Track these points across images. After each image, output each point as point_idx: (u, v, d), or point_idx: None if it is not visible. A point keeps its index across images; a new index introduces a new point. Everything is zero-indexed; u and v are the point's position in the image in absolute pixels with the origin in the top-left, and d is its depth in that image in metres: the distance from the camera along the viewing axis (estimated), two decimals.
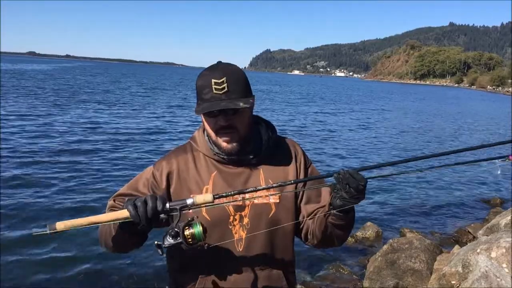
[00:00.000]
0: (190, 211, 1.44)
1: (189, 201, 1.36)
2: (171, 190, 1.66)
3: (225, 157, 1.65)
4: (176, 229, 1.34)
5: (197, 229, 1.34)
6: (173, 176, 1.67)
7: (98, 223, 1.36)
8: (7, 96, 23.29)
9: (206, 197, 1.36)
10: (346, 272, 5.75)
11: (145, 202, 1.33)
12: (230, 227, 1.63)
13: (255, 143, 1.68)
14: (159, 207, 1.33)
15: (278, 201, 1.66)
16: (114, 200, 1.69)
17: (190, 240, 1.34)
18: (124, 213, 1.35)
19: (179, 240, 1.33)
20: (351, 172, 1.40)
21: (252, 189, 1.45)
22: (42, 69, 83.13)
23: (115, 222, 1.40)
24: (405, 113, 33.46)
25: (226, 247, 1.62)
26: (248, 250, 1.64)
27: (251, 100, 1.57)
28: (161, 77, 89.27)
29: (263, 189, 1.49)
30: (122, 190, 1.71)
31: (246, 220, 1.63)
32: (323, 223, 1.58)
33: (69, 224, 1.33)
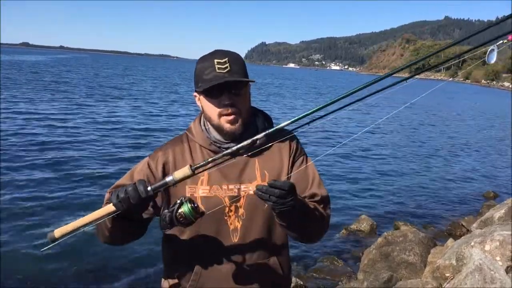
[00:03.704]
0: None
1: (168, 179, 1.36)
2: None
3: (223, 144, 1.63)
4: (168, 213, 1.35)
5: (185, 208, 1.34)
6: (169, 166, 1.65)
7: (91, 222, 1.37)
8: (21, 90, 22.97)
9: (184, 170, 1.36)
10: (340, 265, 5.77)
11: (126, 192, 1.33)
12: (226, 218, 1.62)
13: (251, 134, 1.65)
14: (142, 194, 1.33)
15: None
16: (110, 193, 1.66)
17: (182, 220, 1.35)
18: (112, 207, 1.36)
19: (175, 224, 1.35)
20: (270, 184, 1.36)
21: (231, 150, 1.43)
22: (41, 60, 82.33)
23: (108, 217, 1.40)
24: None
25: (222, 238, 1.62)
26: (244, 240, 1.63)
27: (253, 80, 1.59)
28: (168, 70, 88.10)
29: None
30: (119, 181, 1.70)
31: (241, 211, 1.63)
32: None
33: (66, 229, 1.35)
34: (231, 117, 1.56)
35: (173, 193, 1.61)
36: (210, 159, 1.38)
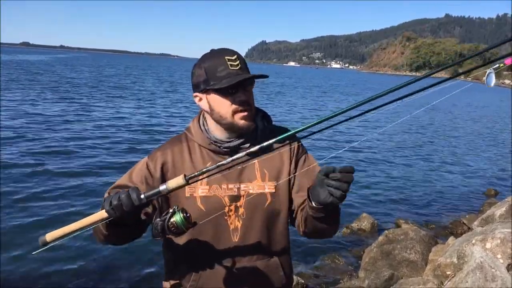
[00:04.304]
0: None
1: (162, 188, 1.35)
2: (167, 180, 1.61)
3: (223, 143, 1.62)
4: (160, 222, 1.34)
5: (177, 217, 1.33)
6: (168, 166, 1.64)
7: (83, 228, 1.37)
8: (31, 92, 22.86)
9: (178, 180, 1.35)
10: (341, 263, 5.77)
11: (119, 199, 1.32)
12: (226, 217, 1.62)
13: (253, 132, 1.66)
14: (135, 202, 1.32)
15: (273, 191, 1.64)
16: (109, 193, 1.67)
17: (174, 229, 1.34)
18: (105, 213, 1.36)
19: (166, 233, 1.35)
20: (342, 169, 1.30)
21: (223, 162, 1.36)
22: (42, 60, 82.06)
23: (101, 223, 1.40)
24: None
25: (222, 238, 1.61)
26: (244, 240, 1.63)
27: (267, 75, 1.60)
28: (169, 69, 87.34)
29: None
30: (118, 182, 1.70)
31: (241, 210, 1.62)
32: (306, 215, 1.54)
33: (57, 234, 1.35)
34: (246, 114, 1.56)
35: (172, 193, 1.62)
36: (204, 169, 1.36)
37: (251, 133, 1.64)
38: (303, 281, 5.00)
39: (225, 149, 1.63)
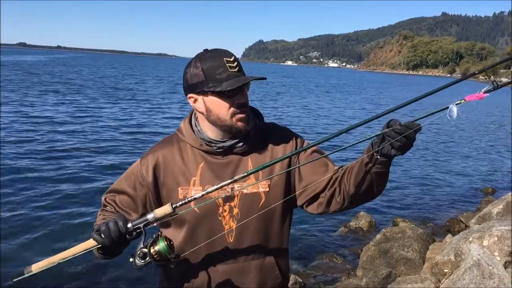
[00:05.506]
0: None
1: (149, 216, 1.36)
2: (159, 183, 1.63)
3: (218, 143, 1.60)
4: (143, 249, 1.34)
5: (161, 244, 1.33)
6: (159, 168, 1.63)
7: (69, 257, 1.39)
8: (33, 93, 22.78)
9: (166, 209, 1.36)
10: (339, 262, 5.78)
11: (108, 229, 1.34)
12: (220, 218, 1.60)
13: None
14: (122, 230, 1.34)
15: (267, 189, 1.62)
16: (105, 199, 1.69)
17: (157, 257, 1.33)
18: (92, 242, 1.38)
19: (148, 259, 1.34)
20: (407, 125, 1.33)
21: (202, 193, 1.39)
22: (41, 60, 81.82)
23: (88, 250, 1.41)
24: None
25: (217, 239, 1.59)
26: (239, 240, 1.62)
27: (265, 77, 1.59)
28: (168, 69, 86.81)
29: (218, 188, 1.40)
30: (113, 186, 1.70)
31: (236, 210, 1.60)
32: (363, 178, 1.48)
33: (42, 264, 1.39)
34: (244, 116, 1.55)
35: (166, 195, 1.62)
36: (190, 198, 1.37)
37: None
38: (300, 280, 5.00)
39: (219, 149, 1.61)
